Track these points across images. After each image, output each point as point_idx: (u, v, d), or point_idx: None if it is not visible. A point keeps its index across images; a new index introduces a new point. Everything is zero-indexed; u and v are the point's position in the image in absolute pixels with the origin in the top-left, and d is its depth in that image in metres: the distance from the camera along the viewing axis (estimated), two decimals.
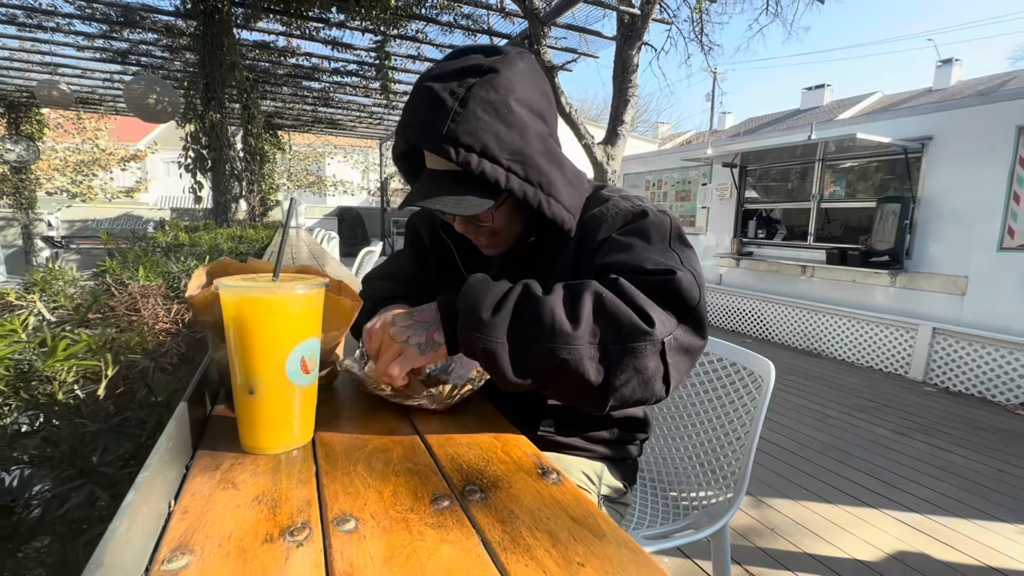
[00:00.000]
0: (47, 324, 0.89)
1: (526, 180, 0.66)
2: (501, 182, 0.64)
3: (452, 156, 0.62)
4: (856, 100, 17.34)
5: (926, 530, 1.94)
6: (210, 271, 0.58)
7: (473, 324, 0.55)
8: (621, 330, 0.54)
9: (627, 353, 0.54)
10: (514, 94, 0.65)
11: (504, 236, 0.76)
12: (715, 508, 1.02)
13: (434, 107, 0.63)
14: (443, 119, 0.62)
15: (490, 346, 0.54)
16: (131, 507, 0.33)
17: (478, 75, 0.64)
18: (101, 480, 0.59)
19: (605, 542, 0.38)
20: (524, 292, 0.57)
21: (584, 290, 0.56)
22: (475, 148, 0.62)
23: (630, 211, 0.71)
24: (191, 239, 2.61)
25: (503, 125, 0.64)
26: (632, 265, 0.62)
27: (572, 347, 0.53)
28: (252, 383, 0.48)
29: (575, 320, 0.54)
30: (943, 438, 2.81)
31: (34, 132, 8.60)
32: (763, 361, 1.01)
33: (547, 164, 0.68)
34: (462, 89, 0.63)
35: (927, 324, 3.85)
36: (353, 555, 0.36)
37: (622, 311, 0.55)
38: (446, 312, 0.59)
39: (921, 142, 4.02)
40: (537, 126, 0.67)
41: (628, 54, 4.68)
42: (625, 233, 0.68)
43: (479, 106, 0.63)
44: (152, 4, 4.70)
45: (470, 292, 0.57)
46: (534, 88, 0.68)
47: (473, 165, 0.63)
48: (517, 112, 0.65)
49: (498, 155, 0.64)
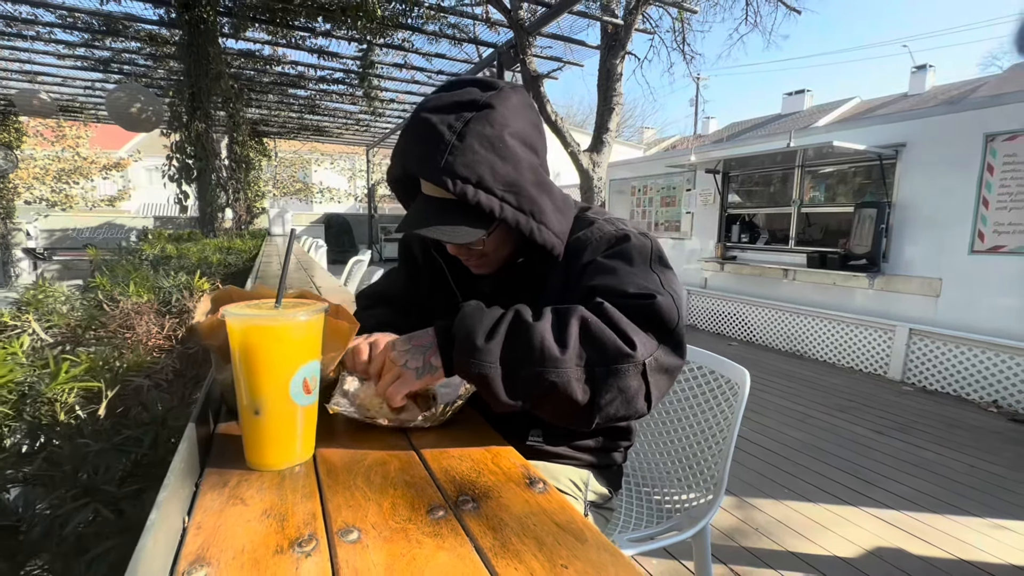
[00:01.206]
0: (47, 346, 0.91)
1: (519, 209, 0.70)
2: (496, 212, 0.68)
3: (450, 187, 0.65)
4: (835, 105, 17.77)
5: (903, 526, 2.02)
6: (215, 298, 0.61)
7: (468, 350, 0.59)
8: (605, 353, 0.59)
9: (611, 374, 0.58)
10: (508, 128, 0.69)
11: (493, 258, 0.80)
12: (696, 510, 1.07)
13: (432, 139, 0.67)
14: (441, 152, 0.66)
15: (484, 371, 0.58)
16: (155, 525, 0.36)
17: (474, 110, 0.68)
18: (103, 498, 0.61)
19: (587, 546, 0.42)
20: (515, 318, 0.61)
21: (571, 315, 0.61)
22: (471, 180, 0.66)
23: (613, 235, 0.76)
24: (178, 250, 2.60)
25: (498, 158, 0.68)
26: (615, 289, 0.66)
27: (560, 370, 0.57)
28: (258, 404, 0.51)
29: (563, 344, 0.58)
30: (919, 436, 2.90)
31: (12, 140, 8.44)
32: (739, 369, 1.06)
33: (538, 193, 0.72)
34: (459, 123, 0.67)
35: (904, 325, 3.97)
36: (358, 563, 0.39)
37: (606, 335, 0.59)
38: (443, 337, 0.63)
39: (895, 149, 4.15)
40: (529, 158, 0.71)
41: (612, 63, 4.77)
42: (609, 256, 0.73)
43: (475, 140, 0.66)
44: (135, 13, 4.67)
45: (466, 320, 0.61)
46: (526, 121, 0.72)
47: (469, 196, 0.66)
48: (511, 145, 0.69)
49: (493, 186, 0.67)
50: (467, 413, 0.72)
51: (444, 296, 0.88)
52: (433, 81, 6.45)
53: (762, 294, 5.27)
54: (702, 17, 6.02)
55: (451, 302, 0.86)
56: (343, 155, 17.44)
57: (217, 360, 0.62)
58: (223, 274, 2.20)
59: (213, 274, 2.06)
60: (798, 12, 5.83)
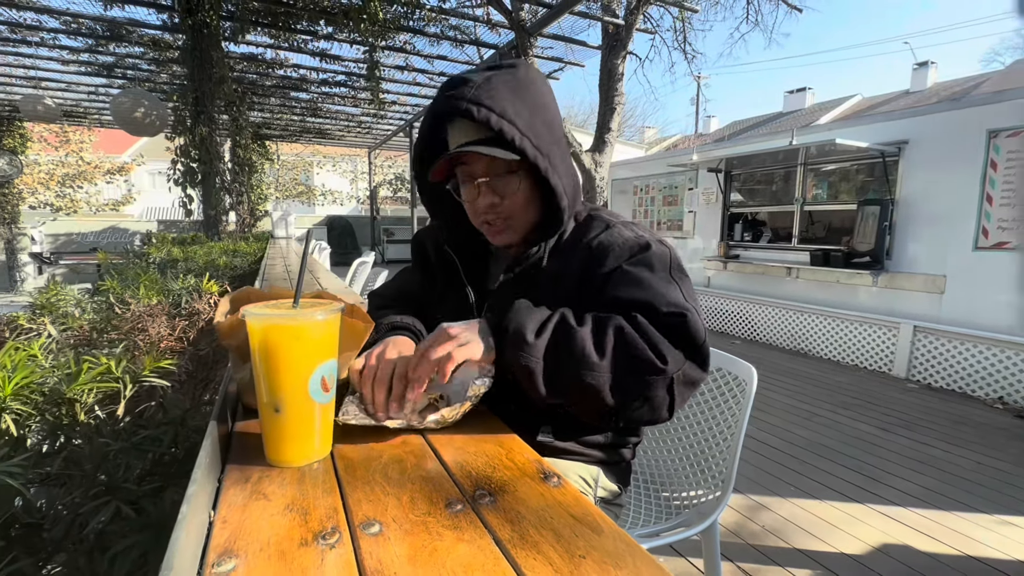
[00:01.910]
0: (70, 348, 0.92)
1: (537, 148, 0.74)
2: (517, 141, 0.72)
3: (475, 114, 0.70)
4: (837, 103, 17.74)
5: (909, 523, 2.02)
6: (234, 299, 0.63)
7: (519, 343, 0.64)
8: (639, 364, 0.64)
9: (642, 384, 0.64)
10: (530, 86, 0.77)
11: (516, 222, 0.82)
12: (704, 506, 1.08)
13: (461, 83, 0.74)
14: (469, 89, 0.73)
15: (531, 364, 0.63)
16: (186, 518, 0.37)
17: (500, 70, 0.76)
18: (123, 496, 0.62)
19: (603, 536, 0.43)
20: (561, 320, 0.66)
21: (609, 325, 0.65)
22: (495, 109, 0.72)
23: (636, 243, 0.78)
24: (185, 254, 2.62)
25: (519, 101, 0.74)
26: (647, 303, 0.70)
27: (596, 374, 0.63)
28: (277, 402, 0.53)
29: (601, 351, 0.63)
30: (925, 433, 2.90)
31: (17, 146, 8.50)
32: (746, 366, 1.07)
33: (552, 144, 0.77)
34: (487, 73, 0.75)
35: (908, 323, 3.96)
36: (381, 555, 0.40)
37: (640, 348, 0.64)
38: (495, 327, 0.67)
39: (897, 146, 4.15)
40: (544, 112, 0.78)
41: (613, 63, 4.78)
42: (633, 264, 0.76)
43: (500, 84, 0.74)
44: (139, 19, 4.70)
45: (519, 314, 0.66)
46: (543, 88, 0.80)
47: (493, 122, 0.71)
48: (529, 99, 0.76)
49: (515, 120, 0.73)
50: (479, 409, 0.73)
51: (456, 293, 0.89)
52: (435, 83, 6.47)
53: (765, 292, 5.26)
54: (703, 16, 6.03)
55: (463, 300, 0.88)
56: (345, 157, 17.50)
57: (235, 359, 0.63)
58: (230, 276, 2.22)
59: (220, 277, 2.08)
60: (799, 10, 5.84)
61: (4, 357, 0.67)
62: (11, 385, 0.61)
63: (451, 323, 0.67)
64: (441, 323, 0.68)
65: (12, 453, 0.59)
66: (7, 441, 0.62)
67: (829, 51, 63.70)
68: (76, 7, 4.48)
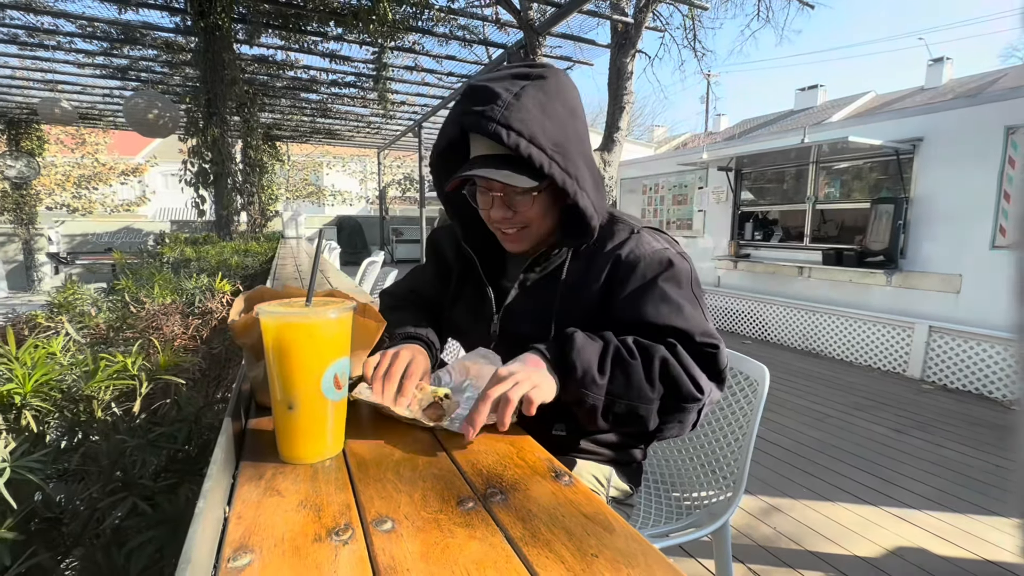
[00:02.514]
0: (87, 346, 0.94)
1: (565, 171, 0.74)
2: (545, 167, 0.72)
3: (504, 138, 0.70)
4: (849, 100, 17.49)
5: (925, 526, 1.99)
6: (248, 297, 0.63)
7: (588, 384, 0.66)
8: (679, 393, 0.69)
9: (680, 410, 0.70)
10: (559, 98, 0.76)
11: (532, 231, 0.82)
12: (716, 507, 1.07)
13: (490, 98, 0.72)
14: (499, 108, 0.71)
15: (595, 403, 0.67)
16: (203, 513, 0.38)
17: (530, 80, 0.75)
18: (140, 492, 0.63)
19: (615, 535, 0.43)
20: (617, 355, 0.68)
21: (655, 356, 0.69)
22: (524, 134, 0.71)
23: (660, 259, 0.78)
24: (197, 253, 2.66)
25: (548, 120, 0.73)
26: (683, 331, 0.73)
27: (648, 406, 0.68)
28: (291, 399, 0.53)
29: (651, 383, 0.68)
30: (940, 435, 2.85)
31: (34, 148, 8.66)
32: (758, 366, 1.06)
33: (580, 162, 0.77)
34: (515, 87, 0.73)
35: (923, 322, 3.90)
36: (394, 551, 0.41)
37: (683, 380, 0.69)
38: (559, 365, 0.67)
39: (912, 144, 4.09)
40: (574, 127, 0.77)
41: (622, 62, 4.76)
42: (662, 280, 0.77)
43: (530, 101, 0.73)
44: (152, 22, 4.77)
45: (584, 351, 0.67)
46: (574, 98, 0.79)
47: (522, 148, 0.71)
48: (560, 112, 0.75)
49: (543, 144, 0.72)
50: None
51: (475, 291, 0.89)
52: (444, 83, 6.49)
53: (776, 292, 5.21)
54: (713, 14, 6.00)
55: (482, 297, 0.88)
56: (354, 158, 17.60)
57: (249, 357, 0.64)
58: (241, 276, 2.24)
59: (233, 276, 2.10)
60: (811, 7, 5.77)
61: (24, 354, 0.68)
62: (31, 382, 0.63)
63: (511, 364, 0.68)
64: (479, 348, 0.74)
65: (32, 449, 0.60)
66: (27, 437, 0.63)
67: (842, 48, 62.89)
68: (92, 11, 4.55)
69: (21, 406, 0.63)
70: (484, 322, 0.87)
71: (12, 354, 0.66)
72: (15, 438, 0.61)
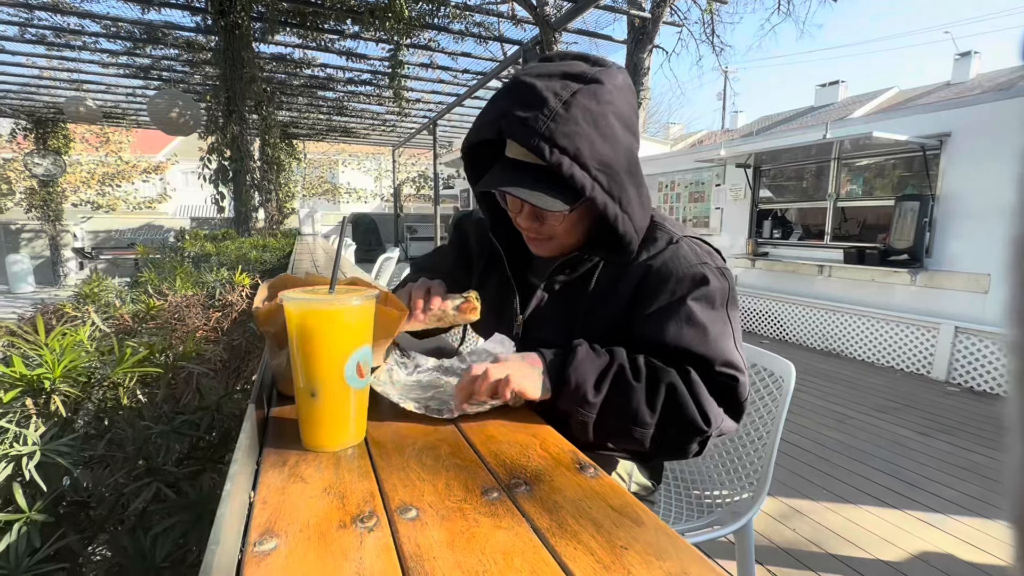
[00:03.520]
0: (114, 335, 0.95)
1: (608, 192, 0.68)
2: (587, 189, 0.66)
3: (546, 155, 0.64)
4: (872, 96, 17.09)
5: (952, 531, 1.93)
6: (271, 285, 0.63)
7: (580, 400, 0.65)
8: (682, 422, 0.66)
9: (680, 438, 0.68)
10: (613, 107, 0.67)
11: (559, 243, 0.77)
12: (738, 506, 1.05)
13: (536, 103, 0.64)
14: (545, 117, 0.64)
15: (586, 420, 0.66)
16: (230, 496, 0.38)
17: (582, 82, 0.66)
18: (164, 478, 0.64)
19: (644, 528, 0.42)
20: (619, 374, 0.66)
21: (662, 380, 0.66)
22: (569, 151, 0.64)
23: (694, 276, 0.72)
24: (217, 249, 2.70)
25: (598, 135, 0.66)
26: (703, 358, 0.69)
27: (643, 431, 0.66)
28: (314, 386, 0.53)
29: (652, 407, 0.65)
30: (967, 438, 2.77)
31: (60, 146, 8.88)
32: (783, 362, 1.04)
33: (628, 181, 0.70)
34: (566, 92, 0.65)
35: (949, 323, 3.79)
36: (419, 539, 0.40)
37: (689, 409, 0.66)
38: (556, 376, 0.66)
39: (939, 139, 3.97)
40: (627, 141, 0.69)
41: (639, 57, 4.71)
42: (691, 299, 0.71)
43: (580, 112, 0.64)
44: (174, 21, 4.85)
45: (582, 366, 0.65)
46: (628, 104, 0.70)
47: (564, 167, 0.64)
48: (613, 125, 0.67)
49: (588, 162, 0.65)
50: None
51: (499, 281, 0.87)
52: (459, 80, 6.49)
53: (795, 291, 5.11)
54: (732, 8, 5.89)
55: (506, 289, 0.85)
56: (369, 156, 17.74)
57: (272, 346, 0.64)
58: (260, 270, 2.27)
59: (251, 270, 2.13)
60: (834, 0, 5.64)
61: (53, 341, 0.69)
62: (60, 368, 0.63)
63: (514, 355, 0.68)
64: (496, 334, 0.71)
65: (61, 433, 0.61)
66: (56, 422, 0.64)
67: (864, 43, 61.46)
68: (116, 11, 4.65)
69: (51, 391, 0.64)
70: (506, 324, 0.84)
71: (42, 341, 0.67)
72: (44, 422, 0.62)
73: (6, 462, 0.53)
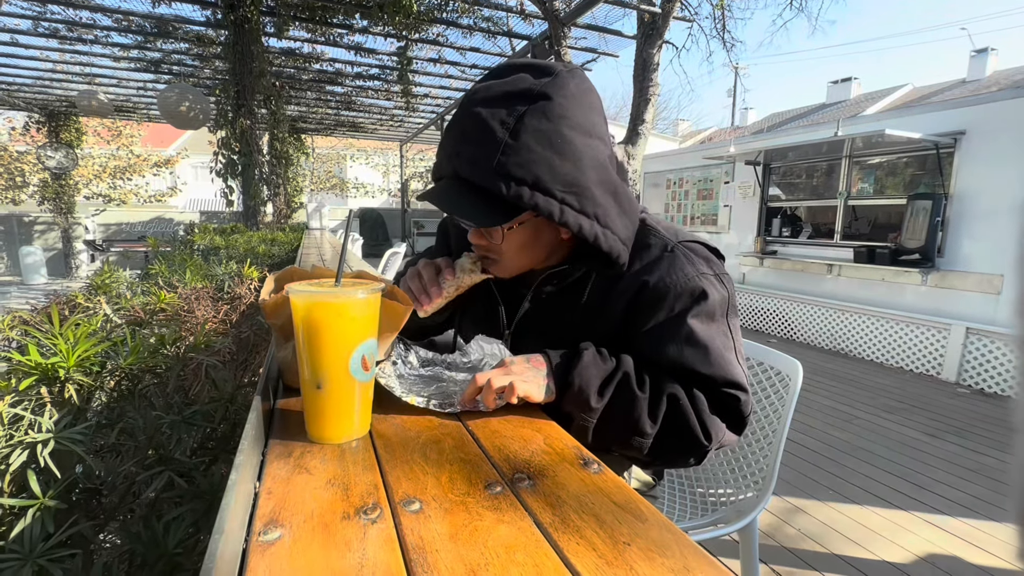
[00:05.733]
0: (127, 326, 0.96)
1: (581, 212, 0.64)
2: (555, 215, 0.62)
3: (503, 191, 0.61)
4: (885, 93, 16.84)
5: (959, 533, 1.92)
6: (278, 278, 0.64)
7: (582, 405, 0.64)
8: (682, 437, 0.67)
9: (679, 450, 0.68)
10: (567, 120, 0.62)
11: (507, 264, 0.73)
12: (743, 504, 1.05)
13: (483, 138, 0.61)
14: (493, 152, 0.60)
15: (586, 424, 0.65)
16: (235, 485, 0.38)
17: (528, 101, 0.61)
18: (176, 467, 0.65)
19: (647, 524, 0.42)
20: (624, 381, 0.65)
21: (665, 392, 0.66)
22: (527, 181, 0.61)
23: (693, 290, 0.69)
24: (226, 242, 2.72)
25: (556, 155, 0.61)
26: (707, 378, 0.68)
27: (643, 440, 0.66)
28: (320, 378, 0.53)
29: (653, 419, 0.65)
30: (977, 440, 2.74)
31: (73, 140, 8.98)
32: (790, 360, 1.03)
33: (602, 193, 0.65)
34: (512, 119, 0.61)
35: (960, 324, 3.75)
36: (422, 531, 0.40)
37: (691, 424, 0.66)
38: (560, 379, 0.66)
39: (953, 137, 3.91)
40: (592, 151, 0.64)
41: (649, 53, 4.67)
42: (691, 317, 0.68)
43: (530, 136, 0.60)
44: (184, 15, 4.88)
45: (587, 371, 0.65)
46: (587, 108, 0.65)
47: (526, 198, 0.61)
48: (571, 140, 0.62)
49: (551, 187, 0.61)
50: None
51: (482, 298, 0.83)
52: (467, 75, 6.47)
53: (804, 290, 5.07)
54: (744, 3, 5.84)
55: (490, 307, 0.83)
56: (377, 151, 17.77)
57: (278, 338, 0.65)
58: (268, 264, 2.29)
59: (260, 264, 2.15)
60: None
61: (67, 331, 0.70)
62: (74, 357, 0.64)
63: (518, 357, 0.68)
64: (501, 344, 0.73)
65: (74, 422, 0.62)
66: (70, 409, 0.65)
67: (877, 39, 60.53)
68: (127, 5, 4.68)
69: (65, 380, 0.65)
70: (494, 336, 0.80)
71: (56, 330, 0.68)
72: (58, 410, 0.63)
73: (22, 449, 0.54)
